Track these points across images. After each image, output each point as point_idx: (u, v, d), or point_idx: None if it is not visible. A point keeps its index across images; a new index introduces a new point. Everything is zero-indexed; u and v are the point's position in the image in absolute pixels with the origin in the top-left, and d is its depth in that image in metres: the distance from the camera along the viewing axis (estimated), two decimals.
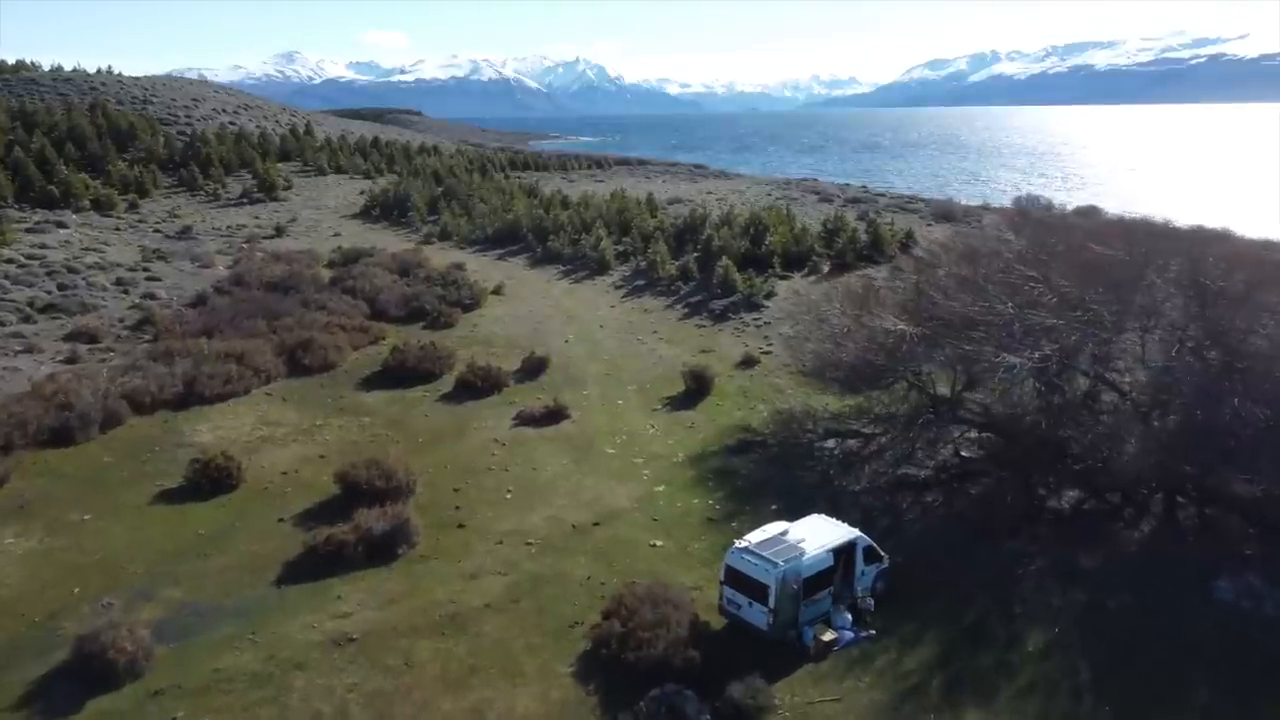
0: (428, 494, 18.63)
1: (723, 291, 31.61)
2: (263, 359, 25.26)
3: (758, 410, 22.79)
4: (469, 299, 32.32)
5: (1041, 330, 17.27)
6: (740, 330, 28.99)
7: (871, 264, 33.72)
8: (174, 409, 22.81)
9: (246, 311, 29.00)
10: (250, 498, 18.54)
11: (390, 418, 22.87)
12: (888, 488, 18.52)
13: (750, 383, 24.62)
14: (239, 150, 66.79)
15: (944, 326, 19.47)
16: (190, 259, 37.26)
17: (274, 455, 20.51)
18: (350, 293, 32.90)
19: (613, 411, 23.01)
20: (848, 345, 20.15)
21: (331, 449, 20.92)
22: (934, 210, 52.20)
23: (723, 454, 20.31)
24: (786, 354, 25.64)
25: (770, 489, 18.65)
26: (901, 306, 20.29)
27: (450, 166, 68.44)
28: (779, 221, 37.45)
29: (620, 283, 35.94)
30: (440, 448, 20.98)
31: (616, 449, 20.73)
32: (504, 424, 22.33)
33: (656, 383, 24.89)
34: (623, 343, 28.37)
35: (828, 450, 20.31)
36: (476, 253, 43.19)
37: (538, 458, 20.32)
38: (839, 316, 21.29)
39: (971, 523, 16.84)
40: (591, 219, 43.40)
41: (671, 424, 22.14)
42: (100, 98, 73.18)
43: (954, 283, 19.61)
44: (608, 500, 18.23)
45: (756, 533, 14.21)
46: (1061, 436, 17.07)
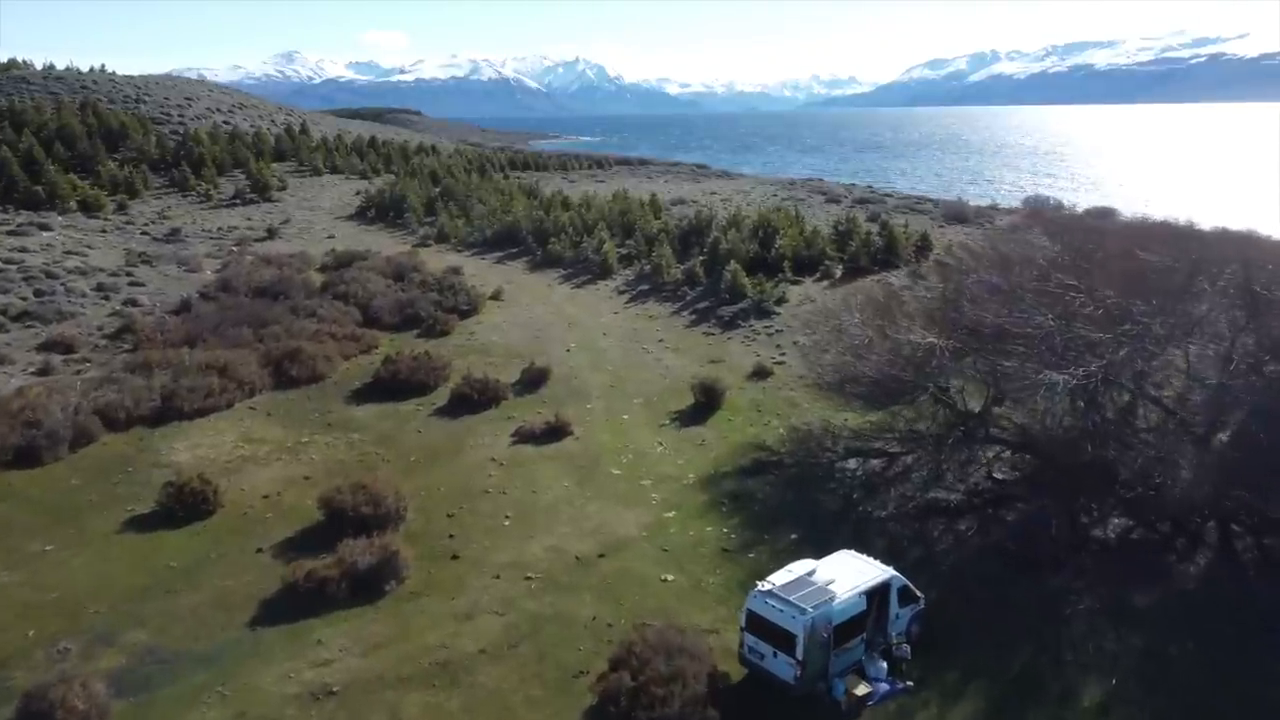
0: (419, 520, 17.25)
1: (731, 297, 30.22)
2: (247, 370, 23.88)
3: (772, 426, 21.40)
4: (466, 305, 30.94)
5: (1084, 344, 15.89)
6: (750, 338, 27.59)
7: (886, 268, 32.32)
8: (150, 425, 21.42)
9: (232, 319, 27.61)
10: (227, 525, 17.15)
11: (381, 434, 21.48)
12: (916, 514, 17.13)
13: (763, 396, 23.23)
14: (233, 150, 65.38)
15: (974, 338, 18.15)
16: (177, 263, 35.88)
17: (255, 476, 19.12)
18: (342, 298, 31.52)
19: (618, 427, 21.62)
20: (870, 358, 18.77)
21: (317, 469, 19.53)
22: (945, 211, 50.77)
23: (736, 475, 18.92)
24: (802, 365, 24.25)
25: (789, 515, 17.27)
26: (929, 316, 18.93)
27: (448, 167, 67.05)
28: (788, 223, 36.05)
29: (624, 287, 34.54)
30: (433, 468, 19.59)
31: (622, 469, 19.34)
32: (502, 441, 20.94)
33: (664, 395, 23.50)
34: (627, 352, 26.98)
35: (849, 471, 18.93)
36: (474, 256, 41.78)
37: (538, 479, 18.93)
38: (859, 327, 19.90)
39: (1011, 554, 15.47)
40: (593, 221, 42.00)
41: (681, 441, 20.75)
42: (91, 96, 71.74)
43: (986, 291, 18.22)
44: (614, 528, 16.84)
45: (781, 573, 12.81)
46: (1108, 460, 15.70)
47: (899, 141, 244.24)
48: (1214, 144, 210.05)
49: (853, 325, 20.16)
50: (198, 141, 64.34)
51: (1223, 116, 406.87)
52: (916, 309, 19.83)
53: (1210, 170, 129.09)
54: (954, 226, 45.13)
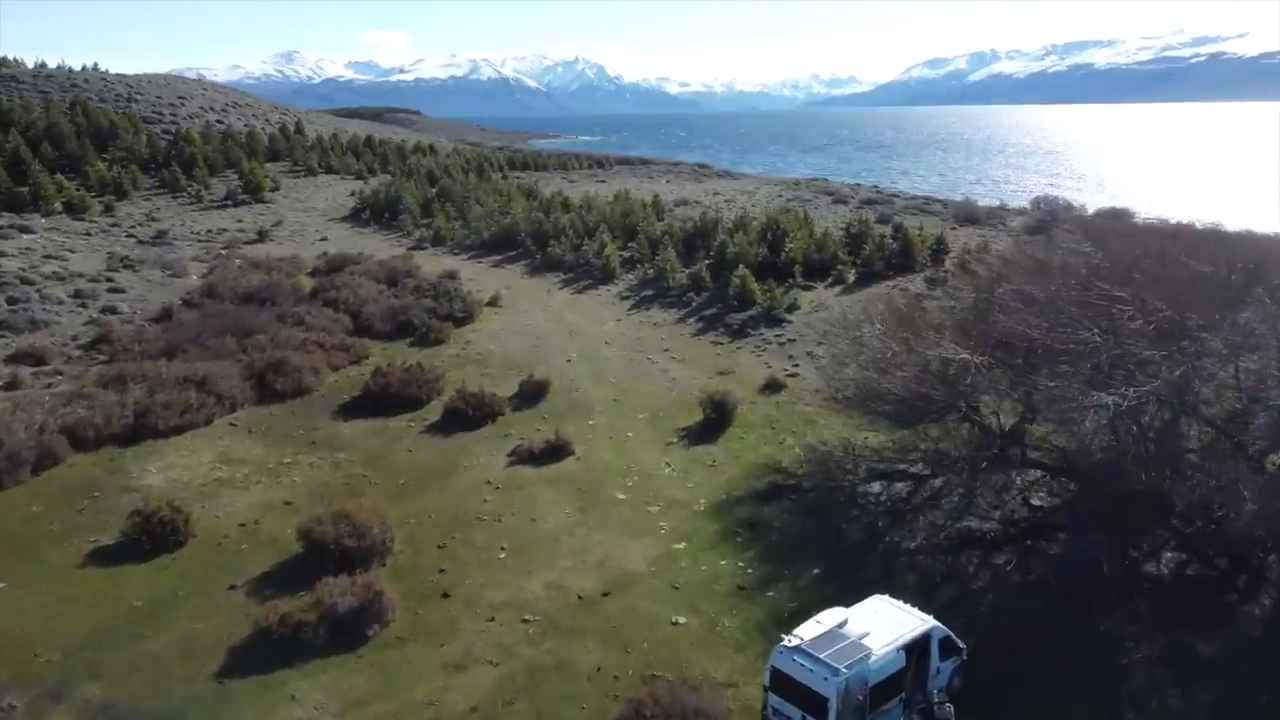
0: (407, 552, 15.86)
1: (739, 304, 28.81)
2: (228, 384, 22.48)
3: (787, 445, 20.00)
4: (461, 312, 29.53)
5: (1134, 362, 14.49)
6: (761, 348, 26.17)
7: (901, 273, 30.92)
8: (122, 444, 20.02)
9: (214, 328, 26.21)
10: (198, 557, 15.76)
11: (369, 453, 20.08)
12: (948, 545, 15.74)
13: (777, 411, 21.83)
14: (225, 150, 63.96)
15: (1006, 352, 16.78)
16: (161, 267, 34.48)
17: (232, 502, 17.73)
18: (332, 305, 30.13)
19: (622, 446, 20.22)
20: (895, 374, 17.36)
21: (299, 493, 18.13)
22: (955, 212, 49.36)
23: (751, 501, 17.52)
24: (817, 378, 22.88)
25: (809, 546, 15.88)
26: (959, 328, 17.52)
27: (446, 167, 65.62)
28: (797, 226, 34.63)
29: (626, 292, 33.13)
30: (424, 492, 18.19)
31: (628, 493, 17.95)
32: (498, 461, 19.55)
33: (671, 410, 22.10)
34: (631, 362, 25.58)
35: (873, 496, 17.55)
36: (471, 259, 40.37)
37: (537, 504, 17.54)
38: (881, 339, 18.49)
39: (1056, 592, 14.08)
40: (594, 223, 40.59)
41: (690, 462, 19.35)
42: (81, 95, 70.30)
43: (1021, 302, 16.83)
44: (619, 561, 15.45)
45: (809, 625, 11.42)
46: (1161, 488, 14.31)
47: (900, 141, 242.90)
48: (1216, 143, 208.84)
49: (874, 337, 18.75)
50: (189, 141, 62.91)
51: (1223, 116, 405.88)
52: (944, 320, 18.42)
53: (1215, 170, 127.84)
54: (966, 228, 43.77)
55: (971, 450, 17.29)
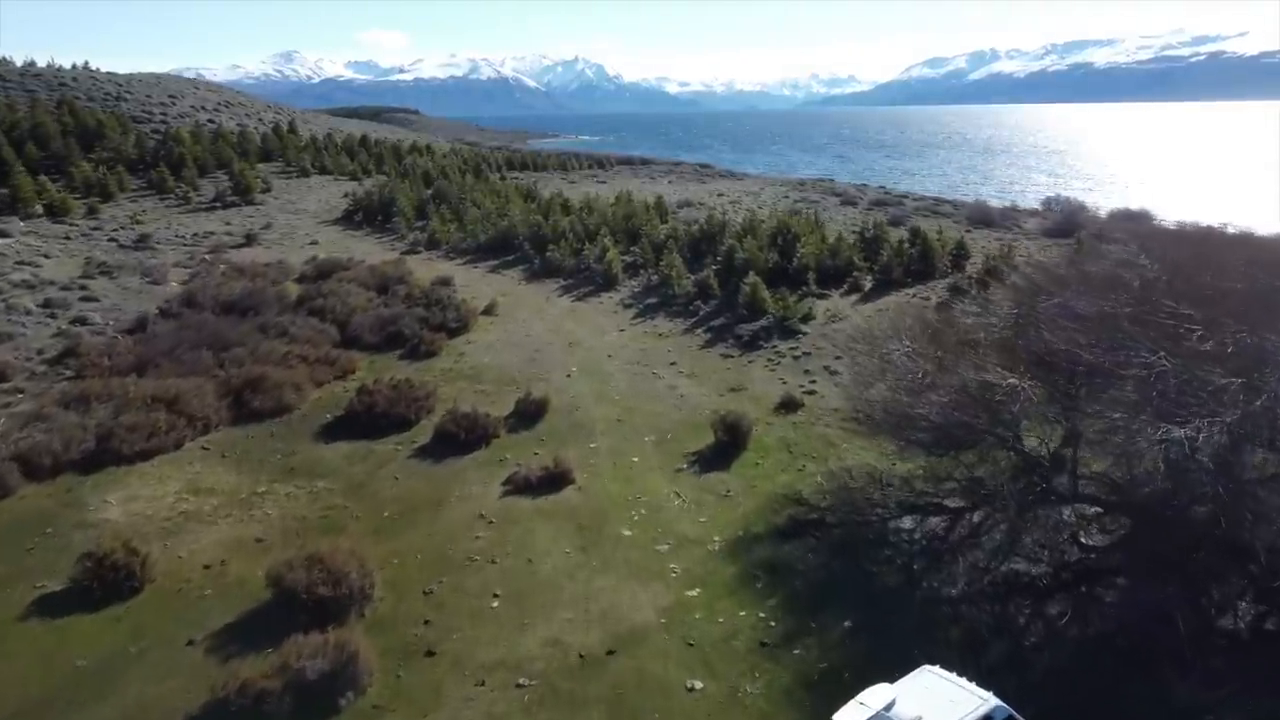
0: (389, 600, 14.20)
1: (750, 313, 27.12)
2: (201, 403, 20.82)
3: (808, 472, 18.32)
4: (455, 322, 27.85)
5: (1207, 390, 12.82)
6: (774, 362, 24.49)
7: (920, 281, 29.23)
8: (82, 472, 18.36)
9: (191, 340, 24.55)
10: (156, 606, 14.11)
11: (351, 481, 18.41)
12: (994, 592, 14.08)
13: (794, 433, 20.15)
14: (216, 150, 62.30)
15: (1049, 373, 15.13)
16: (141, 273, 32.79)
17: (197, 539, 16.06)
18: (318, 314, 28.47)
19: (627, 473, 18.55)
20: (930, 397, 15.70)
21: (273, 529, 16.47)
22: (968, 214, 47.73)
23: (770, 538, 15.85)
24: (837, 395, 21.24)
25: (838, 593, 14.22)
26: (1001, 347, 15.85)
27: (442, 167, 63.92)
28: (808, 229, 32.93)
29: (629, 300, 31.45)
30: (410, 527, 16.52)
31: (634, 529, 16.28)
32: (492, 490, 17.88)
33: (679, 432, 20.43)
34: (636, 377, 23.90)
35: (905, 533, 15.88)
36: (467, 264, 38.69)
37: (534, 542, 15.87)
38: (911, 357, 16.82)
39: (1121, 650, 12.43)
40: (595, 226, 38.92)
41: (701, 491, 17.68)
42: (69, 94, 68.64)
43: (1069, 319, 15.15)
44: (626, 612, 13.78)
45: (852, 709, 9.79)
46: (1240, 534, 12.64)
47: (902, 140, 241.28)
48: (1217, 143, 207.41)
49: (903, 355, 17.08)
50: (179, 141, 61.25)
51: (1223, 115, 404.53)
52: (979, 336, 16.73)
53: (1218, 169, 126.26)
54: (980, 230, 42.15)
55: (1013, 481, 15.64)
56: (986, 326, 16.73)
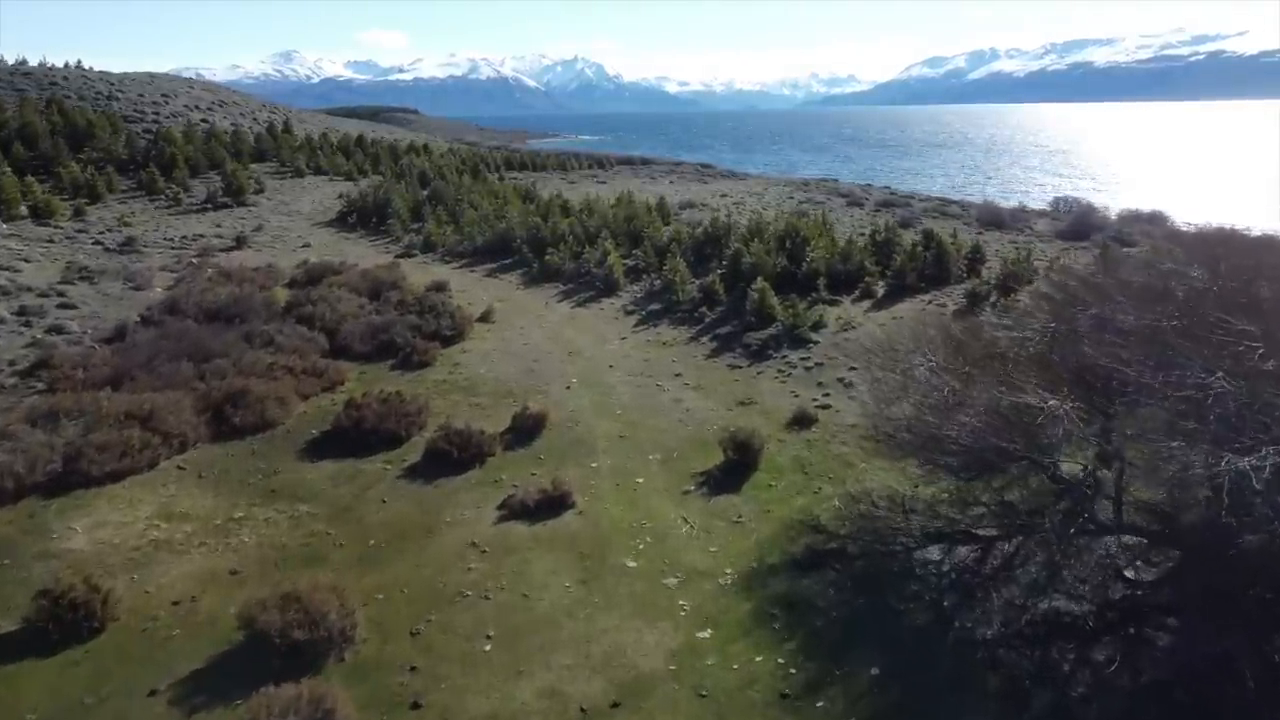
0: (373, 642, 12.99)
1: (758, 321, 25.89)
2: (178, 419, 19.60)
3: (825, 495, 17.12)
4: (450, 330, 26.66)
5: (1274, 415, 11.62)
6: (785, 373, 23.26)
7: (935, 286, 28.02)
8: (47, 495, 17.13)
9: (170, 351, 23.33)
10: (118, 648, 12.90)
11: (335, 505, 17.19)
12: (1034, 634, 12.88)
13: (809, 451, 18.93)
14: (208, 150, 61.11)
15: (1089, 393, 13.95)
16: (124, 279, 31.57)
17: (167, 571, 14.85)
18: (307, 321, 27.25)
19: (631, 495, 17.34)
20: (959, 418, 14.50)
21: (249, 559, 15.26)
22: (978, 214, 46.58)
23: (787, 571, 14.64)
24: (853, 409, 20.04)
25: (863, 634, 13.01)
26: (1036, 362, 14.65)
27: (440, 167, 62.72)
28: (817, 232, 31.71)
29: (632, 306, 30.24)
30: (398, 556, 15.32)
31: (639, 560, 15.07)
32: (486, 515, 16.67)
33: (686, 450, 19.22)
34: (640, 390, 22.69)
35: (933, 564, 14.69)
36: (463, 268, 37.49)
37: (531, 575, 14.66)
38: (937, 373, 15.62)
39: (1180, 705, 11.25)
40: (596, 228, 37.71)
41: (711, 516, 16.47)
42: (59, 93, 67.42)
43: (1112, 335, 13.96)
44: (631, 656, 12.58)
45: None
46: None
47: (904, 140, 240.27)
48: (1219, 142, 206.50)
49: (926, 370, 15.88)
50: (170, 141, 60.02)
51: (1223, 115, 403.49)
52: (1008, 349, 15.54)
53: (1222, 169, 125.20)
54: (991, 232, 41.02)
55: (1049, 507, 14.45)
56: (1020, 341, 15.50)
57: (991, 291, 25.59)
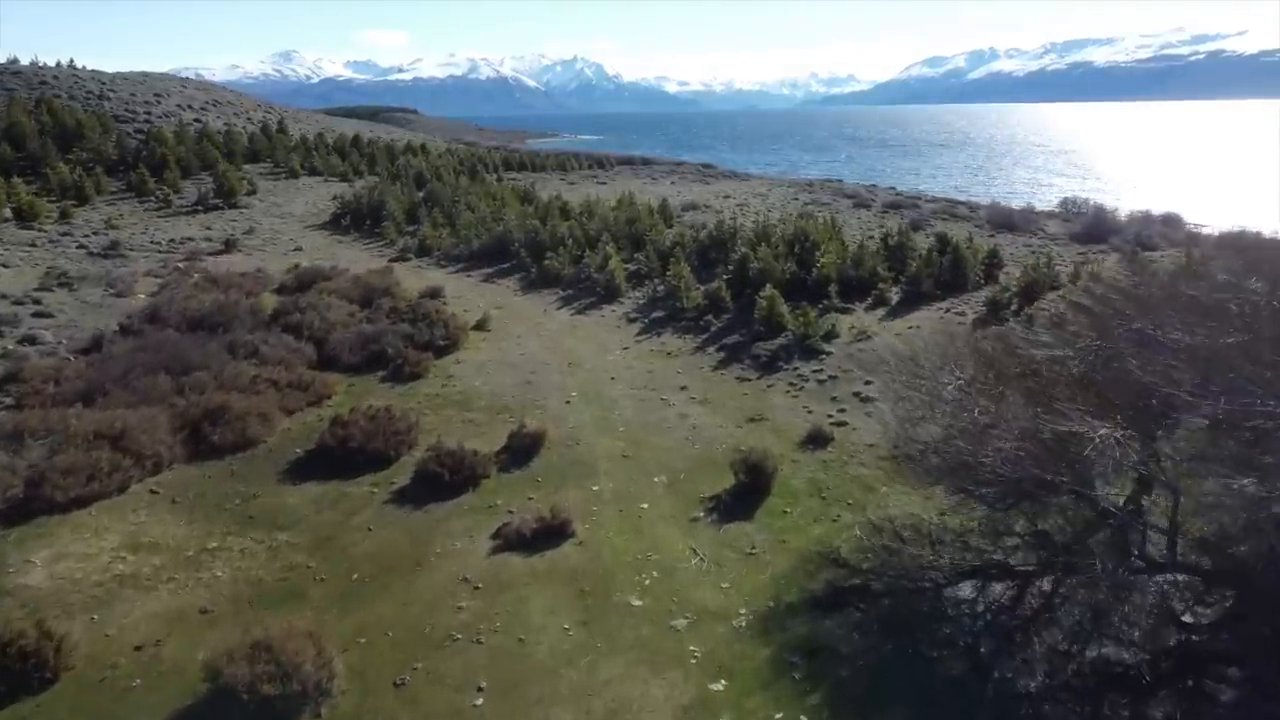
0: (352, 694, 11.78)
1: (767, 330, 24.67)
2: (152, 438, 18.38)
3: (844, 523, 15.90)
4: (443, 339, 25.45)
5: None
6: (796, 386, 22.03)
7: (951, 293, 26.79)
8: (7, 524, 15.91)
9: (148, 363, 22.11)
10: (72, 703, 11.68)
11: (317, 533, 15.98)
12: (1082, 686, 11.67)
13: (825, 474, 17.71)
14: (200, 150, 59.86)
15: (1141, 419, 12.73)
16: (106, 284, 30.35)
17: (131, 610, 13.63)
18: (295, 330, 26.05)
19: (636, 523, 16.12)
20: (994, 443, 13.29)
21: (221, 597, 14.04)
22: (988, 216, 45.38)
23: (807, 611, 13.43)
24: (875, 430, 18.83)
25: (892, 686, 11.80)
26: (1079, 383, 13.44)
27: (437, 168, 61.48)
28: (827, 236, 30.49)
29: (634, 313, 29.02)
30: (383, 593, 14.11)
31: (645, 596, 13.86)
32: (479, 545, 15.45)
33: (694, 471, 18.00)
34: (643, 404, 21.47)
35: (965, 603, 13.47)
36: (459, 272, 36.28)
37: (527, 615, 13.45)
38: (967, 393, 14.41)
39: None
40: (596, 231, 36.50)
41: (722, 547, 15.26)
42: (49, 93, 66.17)
43: (1163, 355, 12.74)
44: (637, 713, 11.37)
45: None
46: None
47: (905, 139, 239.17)
48: (1222, 142, 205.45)
49: (955, 389, 14.67)
50: (161, 141, 58.80)
51: (1224, 114, 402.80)
52: (1041, 366, 14.32)
53: (1229, 169, 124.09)
54: (1003, 234, 39.81)
55: (1090, 539, 13.23)
56: (1059, 359, 14.28)
57: (1013, 299, 24.37)
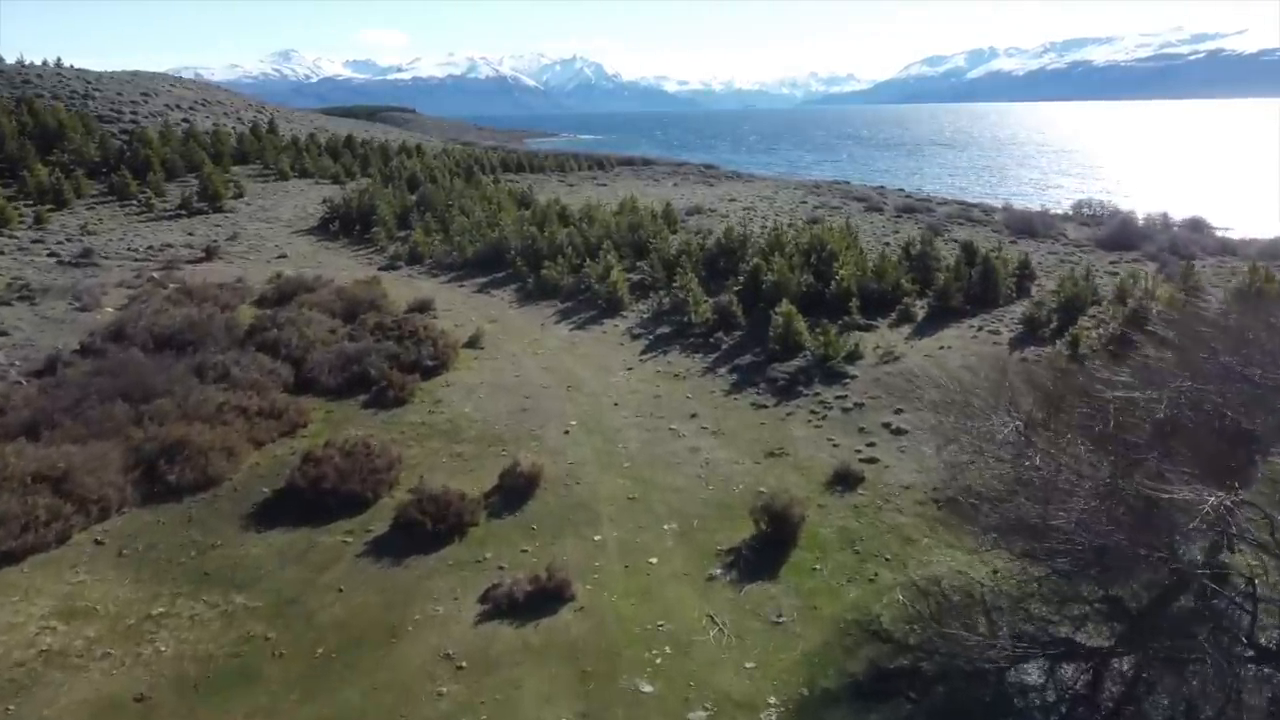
0: None
1: (783, 350, 22.66)
2: (99, 479, 16.38)
3: (883, 584, 13.89)
4: (432, 360, 23.44)
5: None
6: (819, 415, 19.98)
7: (982, 308, 24.77)
8: None
9: (105, 388, 20.08)
10: None
11: (281, 594, 13.96)
12: None
13: (857, 521, 15.69)
14: (186, 152, 57.78)
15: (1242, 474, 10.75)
16: (72, 297, 28.33)
17: (55, 698, 11.61)
18: (271, 349, 24.01)
19: (644, 582, 14.12)
20: (1068, 502, 11.29)
21: (162, 678, 12.01)
22: (1006, 220, 43.41)
23: (847, 700, 11.43)
24: (912, 468, 16.84)
25: None
26: (1166, 432, 11.43)
27: (431, 169, 59.45)
28: (844, 245, 28.47)
29: (638, 329, 27.00)
30: (351, 674, 12.09)
31: (656, 679, 11.86)
32: (465, 611, 13.45)
33: (708, 517, 15.99)
34: (650, 435, 19.45)
35: (1033, 690, 11.49)
36: (451, 282, 34.26)
37: (520, 703, 11.44)
38: (1033, 440, 12.40)
39: None
40: (597, 238, 34.49)
41: (744, 614, 13.25)
42: (32, 92, 64.12)
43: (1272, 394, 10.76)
44: None
45: None
46: None
47: (907, 139, 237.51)
48: (1225, 141, 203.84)
49: (1014, 433, 12.65)
50: (145, 142, 56.74)
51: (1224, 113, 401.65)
52: (1131, 416, 12.30)
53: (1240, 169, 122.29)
54: (1024, 241, 37.86)
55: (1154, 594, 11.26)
56: (1142, 402, 12.25)
57: (1051, 316, 22.34)
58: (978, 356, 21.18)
